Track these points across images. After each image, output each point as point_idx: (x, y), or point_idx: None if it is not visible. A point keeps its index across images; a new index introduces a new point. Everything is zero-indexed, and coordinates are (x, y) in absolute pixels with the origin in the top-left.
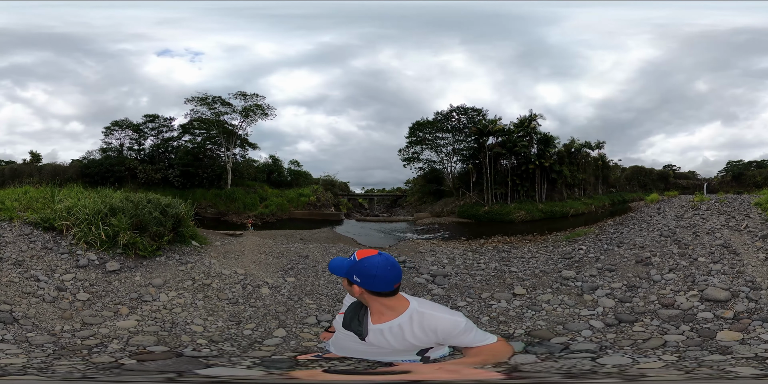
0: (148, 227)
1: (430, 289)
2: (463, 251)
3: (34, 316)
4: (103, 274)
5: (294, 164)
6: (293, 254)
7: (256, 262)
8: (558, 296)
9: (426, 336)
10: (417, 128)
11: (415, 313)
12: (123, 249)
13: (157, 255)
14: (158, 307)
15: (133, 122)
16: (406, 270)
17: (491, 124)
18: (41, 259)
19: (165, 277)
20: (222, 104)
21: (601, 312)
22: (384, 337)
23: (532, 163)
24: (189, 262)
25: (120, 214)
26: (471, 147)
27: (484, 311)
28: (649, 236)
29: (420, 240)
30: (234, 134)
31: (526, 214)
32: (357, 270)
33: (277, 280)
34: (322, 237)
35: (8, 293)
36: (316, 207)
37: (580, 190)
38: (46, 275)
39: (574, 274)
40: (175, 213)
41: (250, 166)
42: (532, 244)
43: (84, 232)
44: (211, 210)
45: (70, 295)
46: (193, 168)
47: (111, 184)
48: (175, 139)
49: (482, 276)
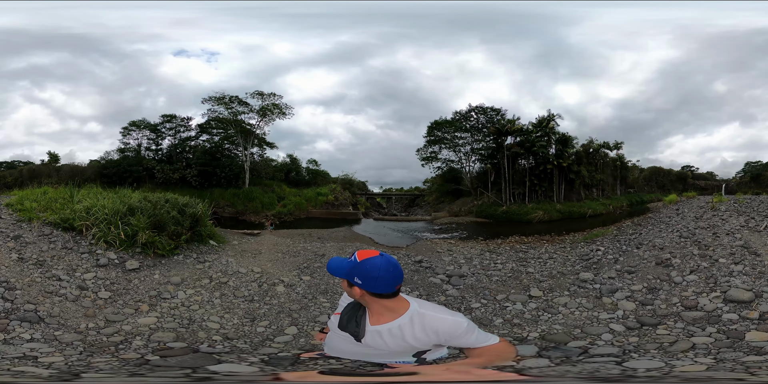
0: (167, 226)
1: (444, 290)
2: (481, 251)
3: (59, 314)
4: (123, 272)
5: (312, 163)
6: (310, 253)
7: (272, 260)
8: (575, 299)
9: (427, 337)
10: (435, 128)
11: (416, 315)
12: (142, 248)
13: (176, 254)
14: (176, 304)
15: (150, 122)
16: (422, 270)
17: (510, 124)
18: (62, 259)
19: (183, 275)
20: (239, 104)
21: (621, 315)
22: (382, 339)
23: (550, 164)
24: (206, 261)
25: (139, 213)
26: (489, 147)
27: (499, 313)
28: (669, 237)
29: (437, 239)
30: (252, 133)
31: (544, 215)
32: (359, 272)
33: (293, 279)
34: (340, 236)
35: (31, 293)
36: (334, 206)
37: (599, 191)
38: (67, 274)
39: (592, 276)
40: (192, 212)
41: (268, 165)
42: (549, 244)
43: (103, 231)
44: (229, 209)
45: (92, 294)
46: (211, 167)
47: (129, 184)
48: (192, 139)
49: (498, 277)
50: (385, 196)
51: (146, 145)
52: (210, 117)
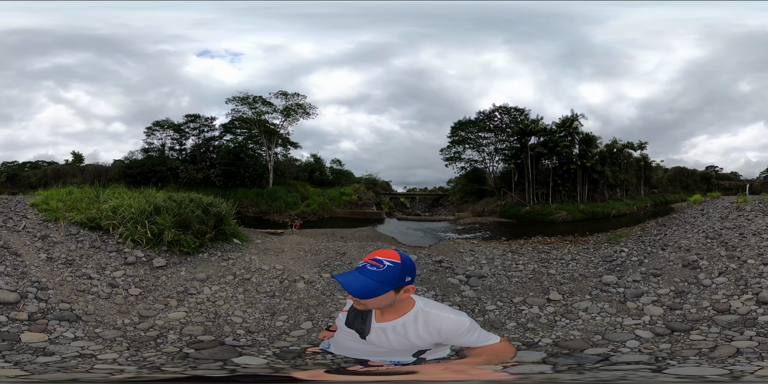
0: (191, 225)
1: (461, 291)
2: (503, 251)
3: (95, 312)
4: (151, 269)
5: (336, 163)
6: (331, 251)
7: (294, 258)
8: (597, 304)
9: (429, 335)
10: (459, 128)
11: (420, 313)
12: (168, 246)
13: (200, 252)
14: (203, 299)
15: (174, 122)
16: (441, 270)
17: (533, 124)
18: (91, 258)
19: (208, 272)
20: (263, 104)
21: (648, 321)
22: (386, 336)
23: (573, 164)
24: (230, 259)
25: (164, 213)
26: (513, 147)
27: (513, 317)
28: (694, 238)
29: (460, 239)
30: (275, 133)
31: (567, 215)
32: (409, 269)
33: (313, 276)
34: (363, 235)
35: (64, 292)
36: (357, 206)
37: (622, 191)
38: (97, 273)
39: (615, 280)
40: (216, 211)
41: (292, 165)
42: (572, 245)
43: (130, 230)
44: (253, 209)
45: (123, 291)
46: (235, 167)
47: (153, 184)
48: (216, 139)
49: (519, 278)
50: (409, 195)
51: (170, 144)
52: (234, 117)
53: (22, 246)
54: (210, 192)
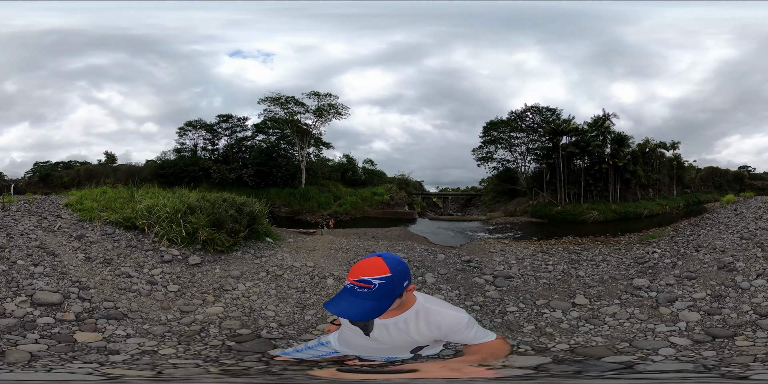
0: (225, 224)
1: (485, 291)
2: (533, 252)
3: (138, 309)
4: (187, 267)
5: (368, 163)
6: (361, 250)
7: (325, 256)
8: (627, 309)
9: (429, 331)
10: (491, 128)
11: (421, 309)
12: (202, 245)
13: (234, 250)
14: (238, 295)
15: (206, 122)
16: (469, 269)
17: (565, 124)
18: (128, 257)
19: (242, 269)
20: (295, 104)
21: (684, 327)
22: (388, 333)
23: (605, 163)
24: (263, 256)
25: (199, 212)
26: (545, 147)
27: (533, 319)
28: (729, 239)
29: (491, 239)
30: (308, 133)
31: (599, 215)
32: (402, 275)
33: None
34: (394, 235)
35: (105, 291)
36: (389, 206)
37: (655, 191)
38: (135, 271)
39: (647, 283)
40: (249, 211)
41: (325, 165)
42: (604, 245)
43: (165, 229)
44: (286, 209)
45: (162, 288)
46: (267, 167)
47: (186, 184)
48: (248, 139)
49: (546, 279)
50: (442, 195)
51: (202, 145)
52: (266, 117)
53: (58, 246)
54: (243, 192)
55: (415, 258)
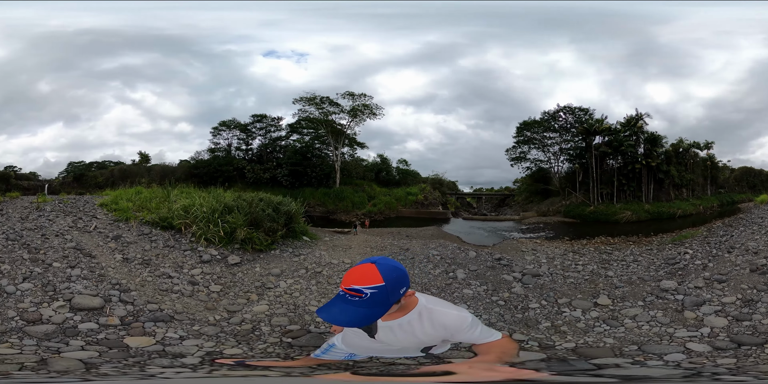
0: (262, 224)
1: (511, 287)
2: (564, 251)
3: (184, 311)
4: (226, 267)
5: (402, 163)
6: (396, 248)
7: (361, 254)
8: (649, 311)
9: (435, 331)
10: (524, 128)
11: (424, 310)
12: (241, 244)
13: (272, 249)
14: (280, 292)
15: (240, 122)
16: (499, 267)
17: (597, 124)
18: (166, 257)
19: (281, 267)
20: (330, 104)
21: (707, 333)
22: (394, 334)
23: (638, 163)
24: (301, 254)
25: (236, 212)
26: (578, 147)
27: (551, 317)
28: (763, 240)
29: (523, 239)
30: (342, 134)
31: (632, 215)
32: (397, 283)
33: None
34: (428, 234)
35: (147, 292)
36: (423, 205)
37: (688, 191)
38: (175, 272)
39: (675, 285)
40: (286, 210)
41: (359, 165)
42: (635, 246)
43: (203, 229)
44: (320, 208)
45: (204, 288)
46: (302, 167)
47: (220, 183)
48: (283, 139)
49: (574, 279)
50: (475, 195)
51: (236, 144)
52: (300, 117)
53: (95, 247)
54: (277, 192)
55: (447, 255)
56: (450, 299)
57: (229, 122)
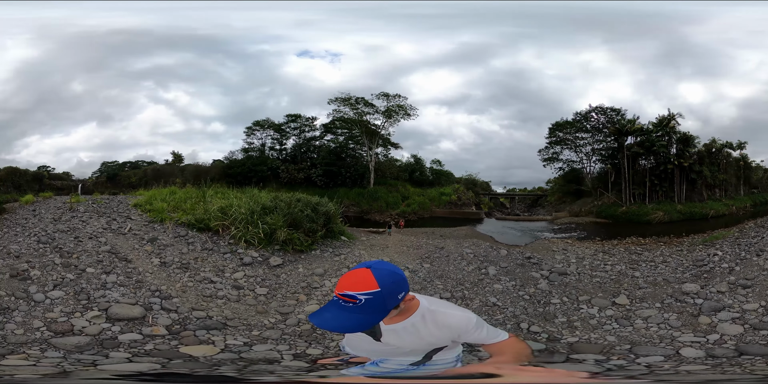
0: (302, 224)
1: (537, 283)
2: (594, 251)
3: (235, 316)
4: (269, 269)
5: (436, 163)
6: (431, 246)
7: (399, 252)
8: (664, 314)
9: (441, 333)
10: (556, 128)
11: (427, 312)
12: (281, 245)
13: (313, 249)
14: (327, 291)
15: (274, 122)
16: (528, 265)
17: (629, 124)
18: (205, 261)
19: (324, 267)
20: (365, 105)
21: (714, 340)
22: (400, 337)
23: (670, 163)
24: (341, 254)
25: (276, 212)
26: (610, 147)
27: (568, 313)
28: None
29: (555, 239)
30: (376, 134)
31: (664, 215)
32: (397, 288)
33: (416, 266)
34: (462, 234)
35: (189, 299)
36: (457, 206)
37: (721, 191)
38: (217, 276)
39: (697, 288)
40: (325, 211)
41: (393, 165)
42: (666, 246)
43: (242, 231)
44: (354, 209)
45: (250, 292)
46: (336, 167)
47: (254, 184)
48: (317, 139)
49: (601, 278)
50: (509, 196)
51: (270, 144)
52: (335, 117)
53: (130, 250)
54: (311, 192)
55: (480, 253)
56: (481, 293)
57: (263, 122)
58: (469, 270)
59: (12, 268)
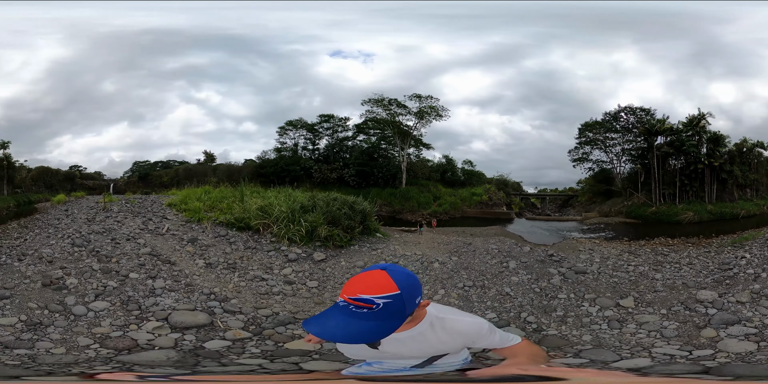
0: (340, 222)
1: (550, 278)
2: (620, 252)
3: (298, 310)
4: (314, 263)
5: (467, 164)
6: (460, 242)
7: (430, 247)
8: (664, 321)
9: (453, 340)
10: (586, 129)
11: (435, 320)
12: (322, 241)
13: (351, 244)
14: None
15: (307, 122)
16: (548, 261)
17: (659, 124)
18: (251, 259)
19: (363, 259)
20: (398, 106)
21: (706, 355)
22: (405, 346)
23: (701, 163)
24: (378, 248)
25: (315, 211)
26: (640, 147)
27: (568, 308)
28: None
29: (583, 239)
30: (409, 135)
31: (694, 216)
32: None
33: (445, 259)
34: (491, 233)
35: (247, 298)
36: (487, 206)
37: (752, 191)
38: (267, 273)
39: (714, 297)
40: (361, 209)
41: (424, 165)
42: (694, 248)
43: (285, 229)
44: (386, 208)
45: (302, 286)
46: (369, 168)
47: (287, 183)
48: (349, 139)
49: (619, 279)
50: (540, 196)
51: (303, 144)
52: (367, 117)
53: (172, 252)
54: (344, 191)
55: (504, 249)
56: (499, 283)
57: (296, 122)
58: (492, 263)
59: (44, 276)
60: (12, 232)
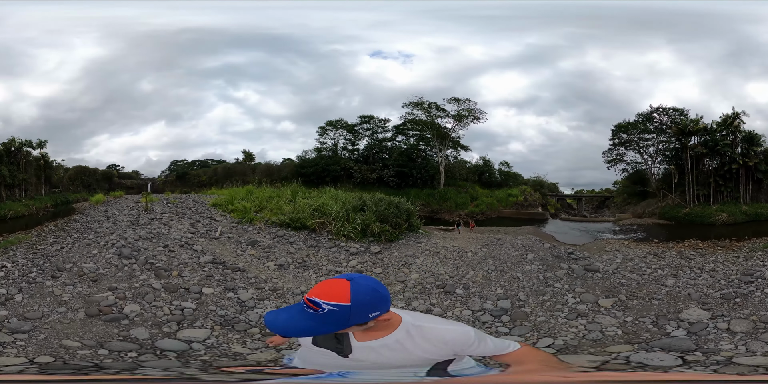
0: (389, 219)
1: (557, 270)
2: (645, 254)
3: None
4: (372, 255)
5: (504, 165)
6: (491, 238)
7: (466, 241)
8: (613, 327)
9: (436, 348)
10: (619, 130)
11: (412, 328)
12: (374, 237)
13: (399, 239)
14: (419, 265)
15: (347, 122)
16: (565, 258)
17: (693, 124)
18: (317, 256)
19: (412, 250)
20: (437, 109)
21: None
22: (378, 354)
23: (735, 163)
24: (422, 242)
25: (367, 210)
26: (674, 148)
27: (554, 297)
28: None
29: (613, 239)
30: (447, 137)
31: (728, 217)
32: (368, 307)
33: (477, 249)
34: (524, 232)
35: None
36: (523, 207)
37: None
38: (338, 267)
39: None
40: (406, 208)
41: (462, 167)
42: (723, 251)
43: (342, 227)
44: (425, 208)
45: (370, 273)
46: (408, 169)
47: (327, 183)
48: (389, 140)
49: (629, 280)
50: (576, 197)
51: (342, 144)
52: (407, 119)
53: (234, 257)
54: (384, 192)
55: (527, 244)
56: (514, 269)
57: (336, 122)
58: (514, 254)
59: (89, 301)
60: (48, 236)
